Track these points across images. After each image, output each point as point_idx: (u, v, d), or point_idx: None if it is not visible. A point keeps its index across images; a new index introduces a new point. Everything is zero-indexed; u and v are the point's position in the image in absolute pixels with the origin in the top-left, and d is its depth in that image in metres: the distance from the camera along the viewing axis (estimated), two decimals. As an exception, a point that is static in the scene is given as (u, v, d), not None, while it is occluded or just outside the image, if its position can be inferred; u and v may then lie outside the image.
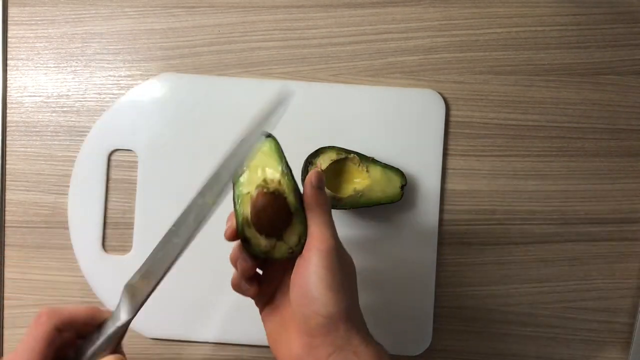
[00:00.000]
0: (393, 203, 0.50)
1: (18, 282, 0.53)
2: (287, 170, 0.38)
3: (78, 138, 0.53)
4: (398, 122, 0.52)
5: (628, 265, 0.53)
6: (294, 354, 0.37)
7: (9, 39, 0.54)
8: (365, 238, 0.52)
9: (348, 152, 0.50)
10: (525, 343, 0.53)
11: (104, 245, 0.53)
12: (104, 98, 0.54)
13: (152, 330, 0.52)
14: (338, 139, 0.52)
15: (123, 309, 0.37)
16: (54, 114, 0.54)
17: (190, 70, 0.53)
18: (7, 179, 0.54)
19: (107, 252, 0.53)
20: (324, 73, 0.53)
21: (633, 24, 0.53)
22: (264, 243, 0.38)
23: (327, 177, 0.50)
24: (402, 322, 0.52)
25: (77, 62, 0.54)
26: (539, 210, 0.53)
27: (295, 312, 0.37)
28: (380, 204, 0.50)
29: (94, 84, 0.54)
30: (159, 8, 0.54)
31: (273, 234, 0.38)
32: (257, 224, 0.37)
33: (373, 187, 0.50)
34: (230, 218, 0.39)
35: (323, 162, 0.49)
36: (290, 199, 0.38)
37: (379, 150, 0.52)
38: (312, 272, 0.36)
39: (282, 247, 0.38)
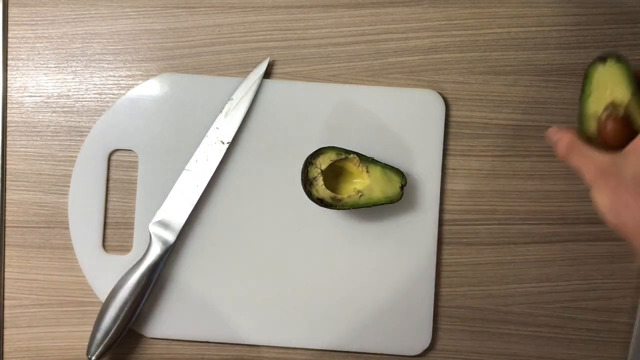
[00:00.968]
0: (393, 203, 0.50)
1: (18, 282, 0.53)
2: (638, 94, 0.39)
3: (78, 138, 0.53)
4: (398, 122, 0.52)
5: (628, 265, 0.53)
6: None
7: (10, 39, 0.54)
8: (365, 238, 0.52)
9: (348, 152, 0.50)
10: (525, 343, 0.53)
11: (104, 245, 0.53)
12: (104, 98, 0.54)
13: (152, 330, 0.52)
14: (338, 139, 0.52)
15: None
16: (55, 114, 0.54)
17: (190, 70, 0.54)
18: (7, 179, 0.54)
19: (107, 252, 0.53)
20: (324, 73, 0.53)
21: (633, 24, 0.53)
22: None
23: (327, 177, 0.50)
24: (402, 322, 0.52)
25: (77, 62, 0.54)
26: (539, 210, 0.53)
27: None
28: (380, 204, 0.50)
29: (94, 84, 0.54)
30: (159, 8, 0.54)
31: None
32: (601, 142, 0.39)
33: (373, 187, 0.50)
34: (558, 132, 0.41)
35: (323, 162, 0.49)
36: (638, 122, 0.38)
37: (379, 150, 0.52)
38: None
39: None
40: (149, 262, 0.50)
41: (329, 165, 0.49)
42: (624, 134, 0.39)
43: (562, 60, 0.53)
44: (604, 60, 0.42)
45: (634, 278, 0.53)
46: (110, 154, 0.53)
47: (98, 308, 0.51)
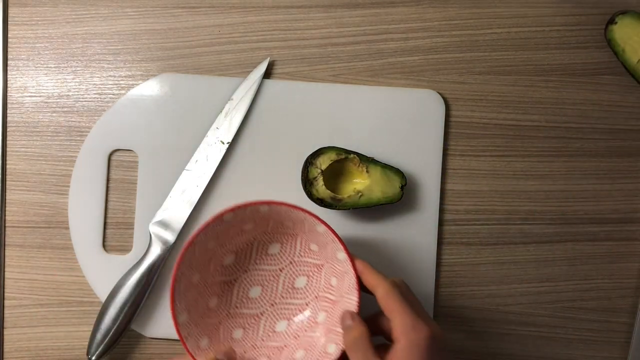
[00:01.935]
0: (393, 203, 0.50)
1: (18, 282, 0.53)
2: None
3: (78, 138, 0.53)
4: (398, 122, 0.52)
5: (628, 265, 0.53)
6: None
7: (10, 39, 0.54)
8: (365, 238, 0.52)
9: (348, 152, 0.50)
10: (525, 343, 0.53)
11: (104, 245, 0.53)
12: (104, 98, 0.54)
13: (152, 330, 0.52)
14: (338, 139, 0.52)
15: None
16: (55, 114, 0.54)
17: (190, 70, 0.54)
18: (7, 179, 0.54)
19: (107, 252, 0.53)
20: (324, 73, 0.53)
21: (633, 24, 0.53)
22: None
23: (327, 177, 0.50)
24: (402, 322, 0.52)
25: (77, 62, 0.54)
26: (539, 210, 0.53)
27: None
28: (380, 204, 0.50)
29: (94, 84, 0.54)
30: (159, 8, 0.54)
31: None
32: None
33: (373, 187, 0.50)
34: (352, 319, 0.42)
35: (323, 162, 0.49)
36: None
37: (379, 150, 0.52)
38: None
39: None
40: (149, 262, 0.50)
41: (329, 166, 0.49)
42: None
43: (562, 60, 0.53)
44: (614, 22, 0.51)
45: (634, 278, 0.53)
46: (110, 154, 0.53)
47: (98, 308, 0.51)
